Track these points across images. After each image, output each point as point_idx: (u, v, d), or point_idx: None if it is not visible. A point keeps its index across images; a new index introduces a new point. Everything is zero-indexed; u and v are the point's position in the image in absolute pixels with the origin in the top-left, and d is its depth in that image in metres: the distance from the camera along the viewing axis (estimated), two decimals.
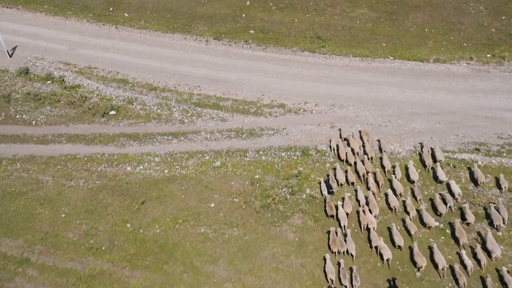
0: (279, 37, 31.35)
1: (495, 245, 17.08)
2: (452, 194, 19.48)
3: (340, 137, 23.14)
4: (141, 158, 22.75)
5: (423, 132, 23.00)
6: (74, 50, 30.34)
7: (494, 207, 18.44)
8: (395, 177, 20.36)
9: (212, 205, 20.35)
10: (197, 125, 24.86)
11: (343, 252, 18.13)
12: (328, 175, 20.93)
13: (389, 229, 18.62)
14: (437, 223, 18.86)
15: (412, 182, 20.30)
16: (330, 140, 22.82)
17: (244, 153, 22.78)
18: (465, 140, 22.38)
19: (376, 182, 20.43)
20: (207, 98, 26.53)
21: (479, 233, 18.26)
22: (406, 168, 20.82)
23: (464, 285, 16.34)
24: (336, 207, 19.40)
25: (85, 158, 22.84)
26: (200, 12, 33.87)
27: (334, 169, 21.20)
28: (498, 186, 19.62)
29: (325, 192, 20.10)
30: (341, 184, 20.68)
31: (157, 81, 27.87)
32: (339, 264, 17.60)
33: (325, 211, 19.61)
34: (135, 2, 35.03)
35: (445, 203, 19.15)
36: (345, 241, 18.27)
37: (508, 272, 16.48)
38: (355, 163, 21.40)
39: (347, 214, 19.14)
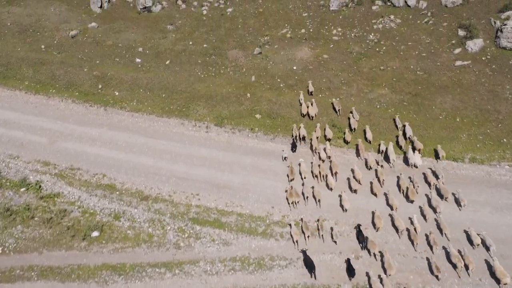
0: (289, 124, 27.57)
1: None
2: None
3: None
4: None
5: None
6: (55, 144, 26.42)
7: None
8: None
9: None
10: (195, 251, 20.81)
11: None
12: None
13: None
14: None
15: None
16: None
17: None
18: None
19: None
20: (207, 212, 22.50)
21: None
22: None
23: None
24: None
25: None
26: (199, 91, 30.11)
27: None
28: None
29: None
30: None
31: (149, 187, 23.84)
32: None
33: None
34: (127, 79, 31.28)
35: None
36: None
37: None
38: None
39: None
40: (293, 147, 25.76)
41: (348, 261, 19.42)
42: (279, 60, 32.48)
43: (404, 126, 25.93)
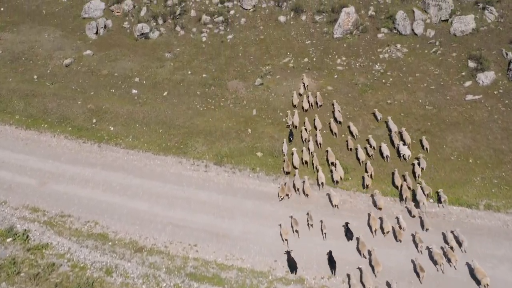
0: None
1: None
2: None
3: None
4: None
5: None
6: (46, 186, 24.94)
7: None
8: None
9: None
10: None
11: None
12: None
13: None
14: None
15: None
16: None
17: None
18: None
19: None
20: (205, 266, 21.01)
21: None
22: None
23: None
24: None
25: None
26: (198, 126, 28.70)
27: None
28: None
29: None
30: None
31: (144, 237, 22.38)
32: None
33: None
34: (123, 112, 29.88)
35: None
36: None
37: None
38: None
39: None
40: (290, 135, 27.26)
41: (329, 253, 20.30)
42: (281, 91, 31.14)
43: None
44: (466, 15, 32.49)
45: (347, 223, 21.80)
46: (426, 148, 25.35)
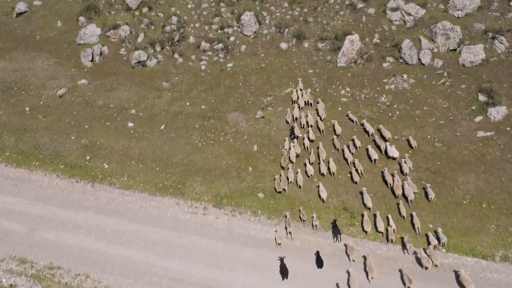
0: (295, 205, 24.67)
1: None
2: None
3: None
4: None
5: None
6: (35, 233, 23.57)
7: None
8: None
9: None
10: None
11: None
12: None
13: None
14: None
15: None
16: None
17: None
18: None
19: None
20: None
21: None
22: None
23: None
24: None
25: None
26: (197, 163, 27.38)
27: None
28: None
29: None
30: None
31: None
32: None
33: None
34: (118, 148, 28.52)
35: None
36: None
37: None
38: None
39: None
40: (292, 134, 28.47)
41: (317, 253, 21.60)
42: (283, 125, 29.88)
43: None
44: (475, 44, 31.24)
45: (335, 220, 23.42)
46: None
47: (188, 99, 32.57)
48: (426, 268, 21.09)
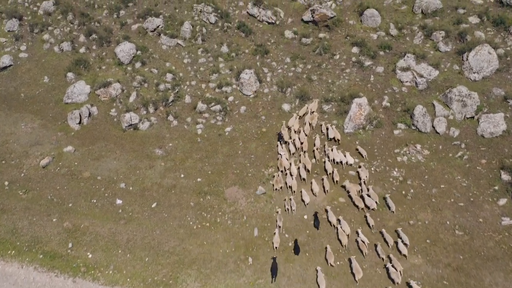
0: None
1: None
2: None
3: None
4: None
5: None
6: None
7: None
8: None
9: None
10: None
11: None
12: None
13: None
14: None
15: None
16: None
17: None
18: None
19: None
20: None
21: None
22: None
23: None
24: None
25: None
26: (191, 252, 24.77)
27: None
28: None
29: None
30: None
31: None
32: None
33: None
34: (104, 233, 25.79)
35: None
36: None
37: None
38: None
39: None
40: (280, 138, 30.41)
41: (295, 242, 24.38)
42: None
43: None
44: (494, 113, 28.70)
45: (316, 213, 26.06)
46: None
47: (182, 169, 29.86)
48: None
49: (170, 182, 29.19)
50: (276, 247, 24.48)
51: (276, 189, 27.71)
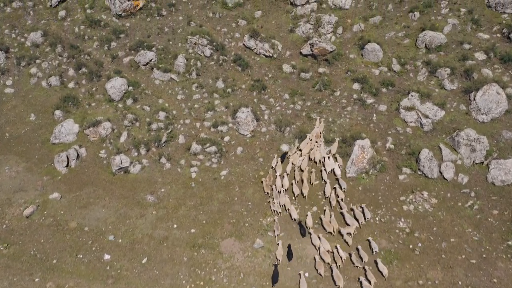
0: None
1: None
2: None
3: None
4: None
5: None
6: None
7: None
8: None
9: None
10: None
11: None
12: None
13: None
14: None
15: None
16: None
17: None
18: None
19: None
20: None
21: None
22: None
23: None
24: None
25: None
26: None
27: None
28: None
29: None
30: None
31: None
32: None
33: None
34: None
35: None
36: None
37: None
38: None
39: None
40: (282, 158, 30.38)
41: (289, 246, 25.29)
42: (286, 259, 25.19)
43: None
44: (505, 158, 27.14)
45: (300, 221, 26.81)
46: None
47: (175, 218, 28.09)
48: None
49: (162, 234, 27.38)
50: (279, 260, 25.20)
51: (277, 235, 26.99)
